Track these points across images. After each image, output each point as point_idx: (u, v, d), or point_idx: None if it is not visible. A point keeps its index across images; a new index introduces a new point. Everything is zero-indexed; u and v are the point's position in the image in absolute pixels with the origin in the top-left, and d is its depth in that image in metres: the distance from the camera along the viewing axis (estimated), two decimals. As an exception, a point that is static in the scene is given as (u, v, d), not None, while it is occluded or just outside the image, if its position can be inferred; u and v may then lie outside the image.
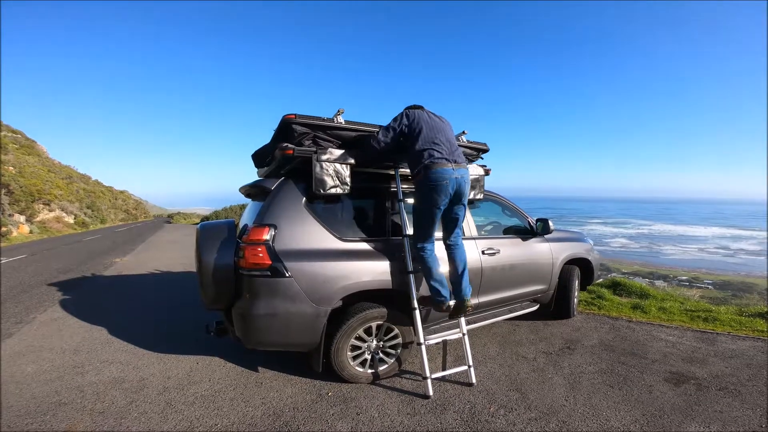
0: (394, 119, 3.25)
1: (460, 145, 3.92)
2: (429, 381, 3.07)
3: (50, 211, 26.99)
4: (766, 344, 4.22)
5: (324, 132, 3.19)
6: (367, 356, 3.33)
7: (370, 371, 3.32)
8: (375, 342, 3.33)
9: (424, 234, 3.24)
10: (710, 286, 17.74)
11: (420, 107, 3.39)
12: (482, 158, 4.30)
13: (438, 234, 3.37)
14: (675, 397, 3.09)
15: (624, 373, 3.51)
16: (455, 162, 3.14)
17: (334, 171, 3.16)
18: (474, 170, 3.98)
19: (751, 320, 5.08)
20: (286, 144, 3.11)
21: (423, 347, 3.10)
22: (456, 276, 3.32)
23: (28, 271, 8.99)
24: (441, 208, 3.14)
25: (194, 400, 3.02)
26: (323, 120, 3.16)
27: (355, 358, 3.27)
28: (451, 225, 3.33)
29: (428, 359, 3.11)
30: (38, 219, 24.60)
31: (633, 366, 3.67)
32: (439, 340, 3.37)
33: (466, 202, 3.26)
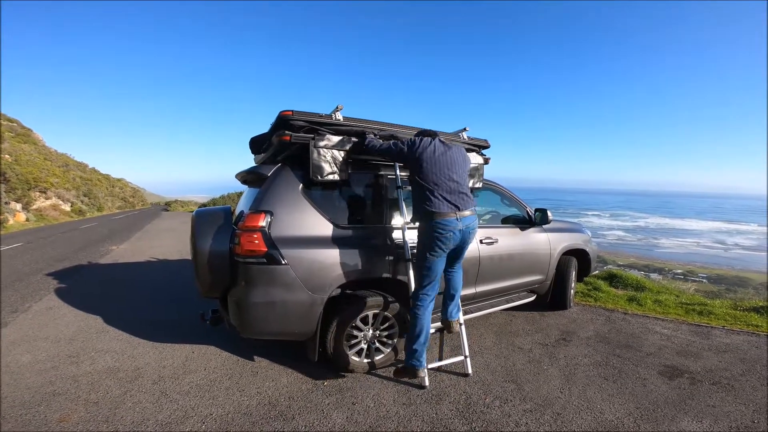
0: (401, 143, 3.08)
1: (461, 143, 3.86)
2: (425, 371, 3.07)
3: (47, 199, 26.85)
4: (760, 339, 4.24)
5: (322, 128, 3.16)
6: (364, 345, 3.32)
7: (366, 361, 3.32)
8: (371, 331, 3.32)
9: (422, 281, 3.02)
10: (705, 280, 17.85)
11: (432, 134, 3.14)
12: (482, 154, 4.27)
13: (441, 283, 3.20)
14: (669, 391, 3.10)
15: (619, 366, 3.52)
16: (459, 209, 2.92)
17: (332, 157, 3.13)
18: (474, 159, 3.95)
19: (745, 314, 5.09)
20: (283, 130, 3.08)
21: None
22: (448, 297, 3.25)
23: (24, 260, 8.94)
24: (443, 258, 2.99)
25: (189, 390, 3.02)
26: (321, 117, 3.12)
27: (351, 347, 3.26)
28: (453, 260, 3.17)
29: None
30: (35, 207, 24.48)
31: (628, 359, 3.68)
32: (436, 329, 3.37)
33: (469, 246, 3.13)
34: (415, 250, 3.20)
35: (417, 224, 3.10)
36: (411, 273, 3.18)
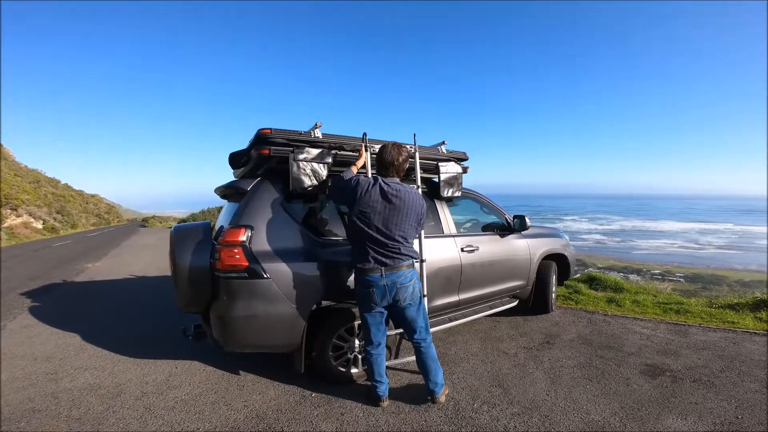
0: (346, 188, 2.83)
1: (438, 159, 3.88)
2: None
3: (17, 216, 26.04)
4: (737, 335, 4.38)
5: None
6: (350, 356, 3.31)
7: (353, 371, 3.30)
8: (357, 341, 3.32)
9: (364, 335, 2.98)
10: (681, 279, 18.31)
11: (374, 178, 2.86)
12: (461, 164, 4.30)
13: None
14: (652, 390, 3.16)
15: (602, 367, 3.58)
16: (386, 265, 2.73)
17: (312, 170, 3.12)
18: (452, 168, 4.00)
19: (720, 312, 5.25)
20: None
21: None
22: (427, 373, 2.93)
23: (-5, 278, 8.65)
24: (374, 313, 2.84)
25: (174, 405, 2.96)
26: (300, 134, 3.11)
27: (337, 357, 3.25)
28: (406, 327, 2.92)
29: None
30: (5, 225, 23.71)
31: (610, 359, 3.75)
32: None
33: (410, 303, 2.81)
34: None
35: None
36: None
